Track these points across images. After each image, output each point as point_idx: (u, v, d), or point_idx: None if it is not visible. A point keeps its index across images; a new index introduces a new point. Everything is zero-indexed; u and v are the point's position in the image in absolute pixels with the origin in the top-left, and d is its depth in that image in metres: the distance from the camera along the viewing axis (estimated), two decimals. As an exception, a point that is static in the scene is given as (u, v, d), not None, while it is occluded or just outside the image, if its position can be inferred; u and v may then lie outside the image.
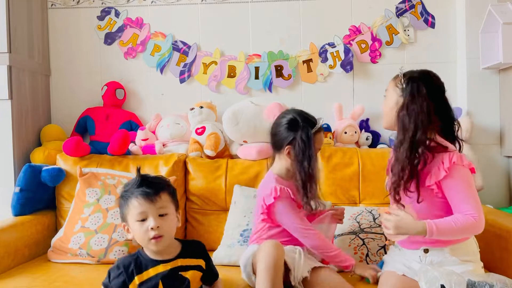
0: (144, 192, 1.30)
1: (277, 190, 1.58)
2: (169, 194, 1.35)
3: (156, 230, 1.29)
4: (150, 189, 1.30)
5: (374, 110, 2.35)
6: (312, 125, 1.62)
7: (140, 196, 1.30)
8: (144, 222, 1.30)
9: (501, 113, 2.23)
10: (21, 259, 1.91)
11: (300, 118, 1.63)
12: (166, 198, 1.33)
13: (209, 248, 1.97)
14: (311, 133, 1.60)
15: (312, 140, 1.59)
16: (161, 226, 1.30)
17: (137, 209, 1.30)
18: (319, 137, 1.65)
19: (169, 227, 1.33)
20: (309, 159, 1.57)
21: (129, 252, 1.87)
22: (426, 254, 1.46)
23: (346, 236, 1.83)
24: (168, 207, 1.33)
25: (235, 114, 2.20)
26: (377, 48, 2.40)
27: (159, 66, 2.46)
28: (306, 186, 1.58)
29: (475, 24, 2.22)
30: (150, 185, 1.32)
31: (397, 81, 1.51)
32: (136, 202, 1.30)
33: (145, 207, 1.30)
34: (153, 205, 1.30)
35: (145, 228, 1.30)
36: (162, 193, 1.32)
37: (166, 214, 1.32)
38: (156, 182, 1.35)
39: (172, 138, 2.32)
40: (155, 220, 1.29)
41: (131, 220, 1.32)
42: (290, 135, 1.62)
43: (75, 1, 2.49)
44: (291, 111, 1.69)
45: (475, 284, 1.31)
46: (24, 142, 2.23)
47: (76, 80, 2.50)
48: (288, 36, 2.43)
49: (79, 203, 2.01)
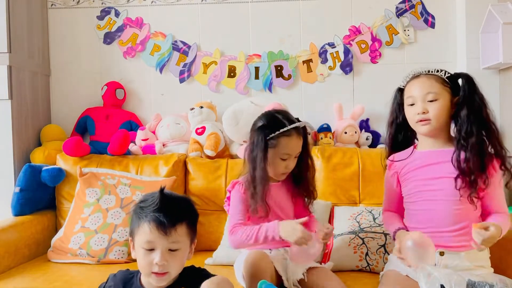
0: (159, 221, 1.13)
1: (233, 183, 1.61)
2: (188, 225, 1.18)
3: (161, 267, 1.14)
4: (167, 219, 1.13)
5: (374, 110, 2.35)
6: (274, 129, 1.53)
7: (153, 224, 1.14)
8: (151, 253, 1.15)
9: (501, 113, 2.23)
10: (21, 259, 1.91)
11: (265, 120, 1.57)
12: (182, 231, 1.17)
13: (209, 248, 2.00)
14: (262, 136, 1.52)
15: (262, 143, 1.51)
16: (168, 262, 1.14)
17: (147, 236, 1.14)
18: (286, 141, 1.53)
19: (177, 264, 1.17)
20: (254, 161, 1.52)
21: (129, 252, 1.86)
22: (442, 256, 1.43)
23: (346, 236, 1.83)
24: (181, 242, 1.17)
25: (235, 114, 2.20)
26: (377, 48, 2.40)
27: (159, 66, 2.46)
28: (253, 186, 1.52)
29: (475, 24, 2.22)
30: (169, 213, 1.14)
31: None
32: (147, 228, 1.14)
33: (155, 238, 1.14)
34: (165, 238, 1.13)
35: (150, 259, 1.14)
36: (179, 226, 1.16)
37: (177, 249, 1.16)
38: (177, 210, 1.17)
39: (172, 138, 2.32)
40: (163, 255, 1.14)
41: (138, 243, 1.17)
42: (251, 135, 1.60)
43: (75, 1, 2.49)
44: (266, 112, 1.64)
45: (475, 284, 1.31)
46: (24, 142, 2.23)
47: (76, 80, 2.50)
48: (288, 36, 2.43)
49: (79, 203, 2.01)
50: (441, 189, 1.46)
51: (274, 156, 1.54)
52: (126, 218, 1.93)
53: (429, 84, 1.47)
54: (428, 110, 1.45)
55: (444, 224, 1.44)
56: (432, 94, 1.45)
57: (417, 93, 1.47)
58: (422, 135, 1.52)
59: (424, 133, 1.50)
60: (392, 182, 1.59)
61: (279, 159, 1.55)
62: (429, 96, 1.45)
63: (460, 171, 1.42)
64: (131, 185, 2.03)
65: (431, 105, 1.45)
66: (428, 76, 1.48)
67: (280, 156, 1.54)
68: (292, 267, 1.53)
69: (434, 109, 1.45)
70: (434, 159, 1.49)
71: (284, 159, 1.55)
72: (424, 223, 1.47)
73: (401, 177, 1.56)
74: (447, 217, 1.44)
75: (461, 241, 1.43)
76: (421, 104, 1.46)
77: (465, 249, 1.42)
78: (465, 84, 1.46)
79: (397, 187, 1.58)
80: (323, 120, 2.37)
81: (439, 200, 1.46)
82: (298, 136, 1.56)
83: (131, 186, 2.03)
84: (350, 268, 1.75)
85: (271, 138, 1.52)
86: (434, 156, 1.49)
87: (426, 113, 1.45)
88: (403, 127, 1.57)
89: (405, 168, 1.54)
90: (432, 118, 1.45)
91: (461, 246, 1.42)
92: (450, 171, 1.44)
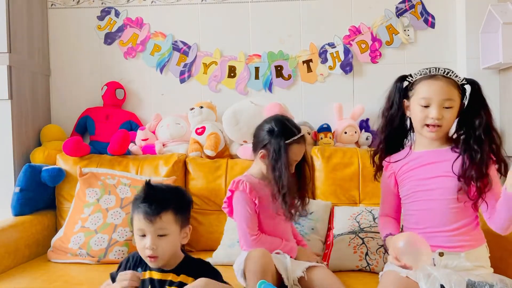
0: (144, 211, 1.28)
1: (235, 182, 1.64)
2: (174, 213, 1.30)
3: (151, 250, 1.28)
4: (151, 208, 1.27)
5: (374, 110, 2.34)
6: (288, 136, 1.60)
7: (141, 213, 1.28)
8: (143, 238, 1.30)
9: (501, 113, 2.23)
10: (21, 259, 1.91)
11: (278, 126, 1.62)
12: (168, 218, 1.29)
13: (209, 248, 2.00)
14: (283, 143, 1.58)
15: (284, 150, 1.57)
16: (157, 247, 1.28)
17: (138, 224, 1.30)
18: (296, 149, 1.61)
19: (167, 248, 1.30)
20: (280, 170, 1.56)
21: (129, 252, 1.87)
22: (441, 257, 1.43)
23: (345, 236, 1.83)
24: (168, 228, 1.29)
25: (235, 114, 2.20)
26: (377, 48, 2.40)
27: (159, 66, 2.46)
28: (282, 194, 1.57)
29: (475, 24, 2.22)
30: (153, 203, 1.28)
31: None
32: (137, 217, 1.30)
33: (143, 225, 1.28)
34: (152, 225, 1.27)
35: (143, 244, 1.29)
36: (164, 213, 1.28)
37: (165, 234, 1.29)
38: (161, 199, 1.30)
39: (172, 138, 2.32)
40: (152, 240, 1.27)
41: (134, 231, 1.33)
42: (265, 139, 1.63)
43: (75, 1, 2.49)
44: (275, 117, 1.69)
45: (475, 284, 1.31)
46: (24, 142, 2.23)
47: (76, 80, 2.50)
48: (288, 36, 2.43)
49: (79, 203, 2.01)
50: (437, 188, 1.45)
51: None
52: (126, 218, 1.93)
53: (448, 90, 1.43)
54: (443, 116, 1.42)
55: (441, 223, 1.44)
56: (450, 102, 1.42)
57: (435, 96, 1.42)
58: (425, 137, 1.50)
59: (429, 137, 1.48)
60: (390, 183, 1.58)
61: None
62: (447, 103, 1.42)
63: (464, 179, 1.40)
64: (131, 185, 2.03)
65: (447, 111, 1.42)
66: (447, 81, 1.44)
67: (291, 162, 1.61)
68: (292, 266, 1.53)
69: (449, 116, 1.43)
70: (430, 158, 1.49)
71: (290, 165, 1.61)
72: (422, 223, 1.47)
73: (398, 178, 1.56)
74: (444, 216, 1.44)
75: (460, 241, 1.42)
76: (437, 109, 1.42)
77: (464, 249, 1.42)
78: (476, 91, 1.45)
79: (395, 188, 1.57)
80: (323, 120, 2.37)
81: (435, 199, 1.45)
82: (304, 143, 1.65)
83: (131, 186, 2.03)
84: (350, 268, 1.76)
85: (287, 145, 1.58)
86: (431, 156, 1.49)
87: (441, 119, 1.42)
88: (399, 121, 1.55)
89: (402, 169, 1.54)
90: (444, 125, 1.43)
91: (460, 246, 1.42)
92: (446, 170, 1.44)
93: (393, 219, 1.60)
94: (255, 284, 1.37)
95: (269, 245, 1.58)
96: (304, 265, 1.56)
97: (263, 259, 1.44)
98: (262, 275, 1.40)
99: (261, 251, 1.47)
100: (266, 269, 1.43)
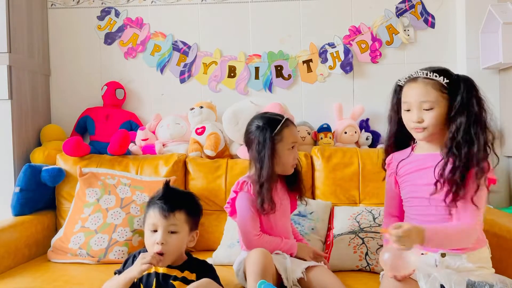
0: (160, 206, 1.37)
1: (239, 183, 1.65)
2: (186, 213, 1.40)
3: (160, 246, 1.34)
4: (167, 205, 1.37)
5: (374, 110, 2.35)
6: (274, 126, 1.61)
7: (156, 209, 1.38)
8: (154, 234, 1.37)
9: (501, 113, 2.23)
10: (21, 259, 1.91)
11: (261, 121, 1.63)
12: (181, 217, 1.39)
13: (209, 248, 2.00)
14: (269, 135, 1.59)
15: (269, 141, 1.58)
16: (167, 242, 1.35)
17: (151, 219, 1.38)
18: (288, 132, 1.63)
19: (176, 245, 1.38)
20: (262, 161, 1.58)
21: (129, 252, 1.87)
22: (443, 258, 1.41)
23: (345, 236, 1.83)
24: (180, 226, 1.38)
25: (235, 114, 2.20)
26: (377, 48, 2.40)
27: (159, 66, 2.46)
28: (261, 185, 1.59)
29: (475, 24, 2.22)
30: (169, 200, 1.38)
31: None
32: (152, 212, 1.39)
33: (157, 220, 1.37)
34: (165, 220, 1.36)
35: (153, 240, 1.36)
36: (178, 212, 1.38)
37: (176, 232, 1.37)
38: (176, 199, 1.41)
39: (172, 138, 2.32)
40: (163, 235, 1.35)
41: (146, 227, 1.40)
42: (252, 137, 1.64)
43: (75, 1, 2.49)
44: (255, 116, 1.69)
45: (475, 284, 1.30)
46: (24, 142, 2.23)
47: (76, 80, 2.50)
48: (288, 36, 2.43)
49: (79, 203, 2.01)
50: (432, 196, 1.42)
51: (283, 149, 1.62)
52: (126, 218, 1.93)
53: (425, 92, 1.40)
54: (423, 119, 1.41)
55: None
56: (428, 103, 1.40)
57: (413, 100, 1.42)
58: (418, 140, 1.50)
59: (420, 139, 1.48)
60: (391, 182, 1.58)
61: (287, 151, 1.63)
62: (425, 105, 1.40)
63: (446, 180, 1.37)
64: (131, 185, 2.03)
65: (427, 113, 1.41)
66: (425, 82, 1.42)
67: (287, 147, 1.63)
68: (291, 266, 1.54)
69: (430, 118, 1.40)
70: (427, 163, 1.46)
71: (292, 147, 1.64)
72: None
73: (398, 179, 1.55)
74: (441, 222, 1.42)
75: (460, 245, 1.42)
76: (416, 112, 1.41)
77: (465, 251, 1.41)
78: (463, 90, 1.40)
79: (396, 187, 1.57)
80: (323, 120, 2.37)
81: (431, 205, 1.43)
82: (292, 124, 1.68)
83: (131, 186, 2.03)
84: (350, 268, 1.76)
85: (276, 134, 1.60)
86: (428, 160, 1.46)
87: (422, 122, 1.41)
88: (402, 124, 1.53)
89: (401, 170, 1.53)
90: (427, 127, 1.41)
91: (461, 248, 1.41)
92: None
93: (397, 217, 1.60)
94: (255, 284, 1.38)
95: (270, 244, 1.59)
96: (304, 265, 1.56)
97: (263, 259, 1.45)
98: (262, 275, 1.40)
99: (261, 251, 1.47)
100: (266, 269, 1.43)
